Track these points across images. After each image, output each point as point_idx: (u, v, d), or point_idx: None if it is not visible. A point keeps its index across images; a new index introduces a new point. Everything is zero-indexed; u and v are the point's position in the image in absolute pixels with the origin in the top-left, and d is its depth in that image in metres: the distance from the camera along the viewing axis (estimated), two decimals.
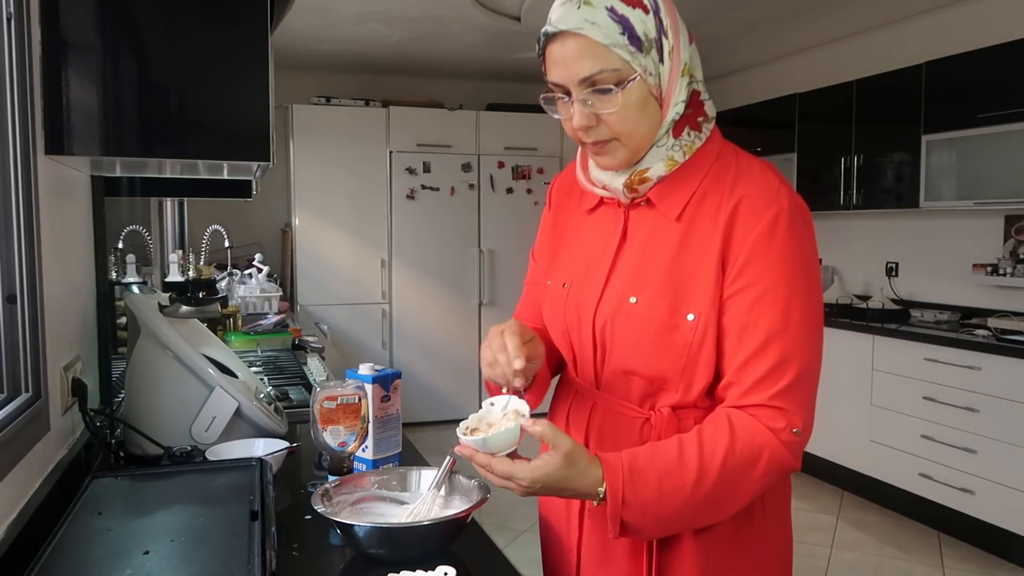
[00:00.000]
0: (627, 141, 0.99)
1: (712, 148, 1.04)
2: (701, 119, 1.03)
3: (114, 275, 2.38)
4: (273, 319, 3.21)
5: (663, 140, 1.01)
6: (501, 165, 5.47)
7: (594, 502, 0.93)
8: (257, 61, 1.27)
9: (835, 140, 4.18)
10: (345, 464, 1.24)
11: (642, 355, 1.01)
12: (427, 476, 1.14)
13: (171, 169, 1.60)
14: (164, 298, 1.88)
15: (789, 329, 0.95)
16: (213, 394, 1.40)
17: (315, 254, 5.15)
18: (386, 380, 1.33)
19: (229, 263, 3.83)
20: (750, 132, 4.69)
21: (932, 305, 4.01)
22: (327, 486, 1.09)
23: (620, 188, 1.03)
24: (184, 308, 1.77)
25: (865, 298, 4.17)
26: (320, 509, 1.01)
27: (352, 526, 0.98)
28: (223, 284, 3.67)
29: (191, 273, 3.00)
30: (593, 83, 0.95)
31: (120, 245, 2.57)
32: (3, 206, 1.08)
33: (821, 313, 1.00)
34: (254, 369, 2.30)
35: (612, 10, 0.93)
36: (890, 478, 3.67)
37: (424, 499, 1.09)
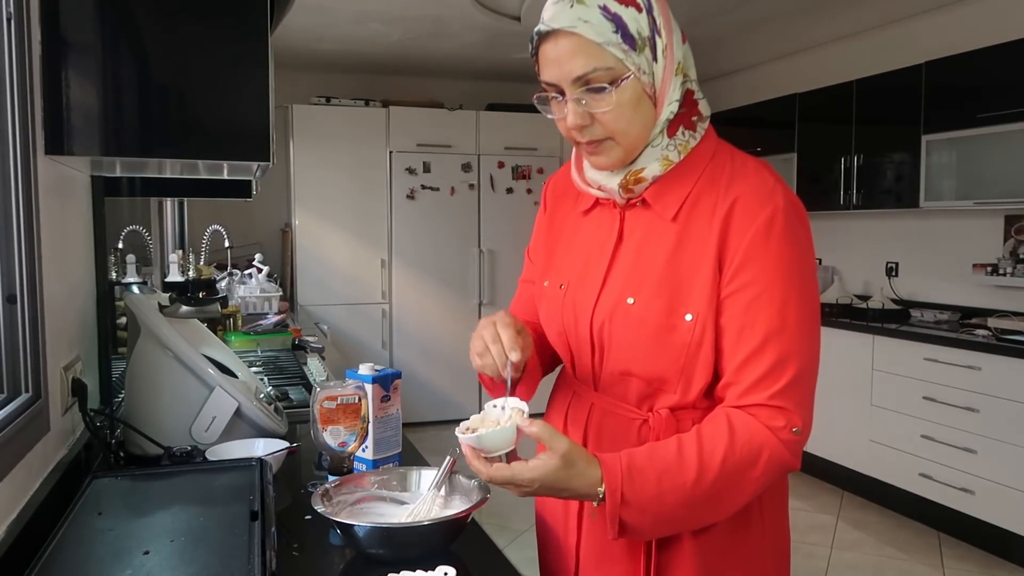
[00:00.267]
0: (621, 140, 0.98)
1: (707, 147, 1.03)
2: (695, 118, 1.02)
3: (114, 275, 2.38)
4: (273, 319, 3.21)
5: (658, 140, 1.00)
6: (501, 165, 5.47)
7: (593, 502, 0.93)
8: (257, 61, 1.27)
9: (835, 140, 4.18)
10: (345, 464, 1.24)
11: (640, 356, 1.00)
12: (427, 476, 1.14)
13: (171, 169, 1.60)
14: (164, 298, 1.88)
15: (787, 328, 0.95)
16: (213, 394, 1.40)
17: (315, 254, 5.15)
18: (386, 380, 1.33)
19: (229, 263, 3.83)
20: (750, 132, 4.69)
21: (932, 305, 4.01)
22: (327, 486, 1.09)
23: (615, 188, 1.03)
24: (184, 308, 1.77)
25: (865, 298, 4.17)
26: (320, 509, 1.01)
27: (352, 526, 0.98)
28: (223, 284, 3.67)
29: (191, 273, 3.00)
30: (587, 82, 0.95)
31: (120, 245, 2.57)
32: (3, 206, 1.08)
33: (818, 311, 1.00)
34: (254, 369, 2.30)
35: (605, 8, 0.93)
36: (890, 478, 3.68)
37: (424, 499, 1.09)
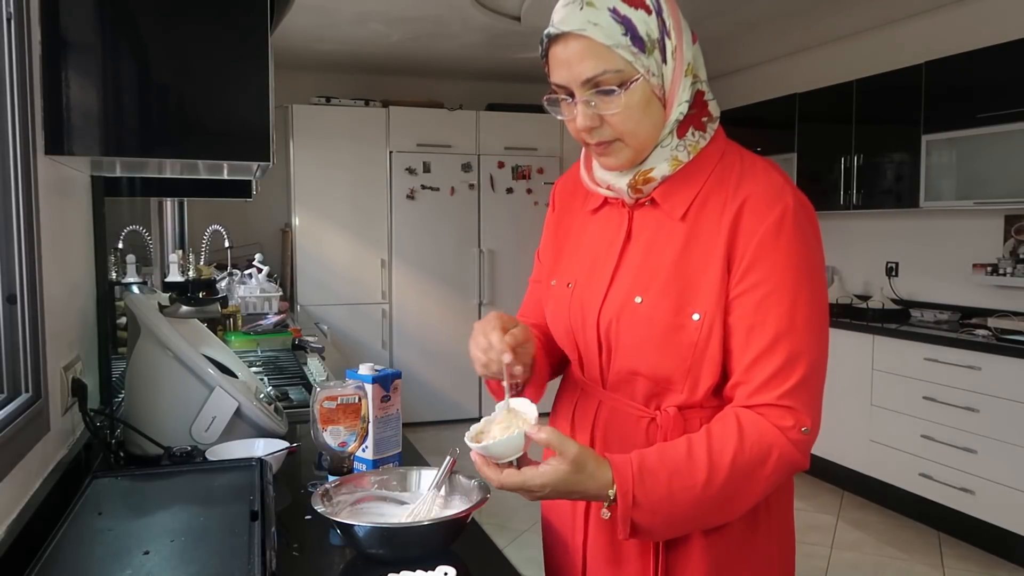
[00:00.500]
0: (630, 141, 0.99)
1: (716, 148, 1.04)
2: (705, 119, 1.03)
3: (114, 275, 2.38)
4: (273, 319, 3.21)
5: (667, 140, 1.01)
6: (501, 165, 5.47)
7: (604, 504, 0.92)
8: (257, 61, 1.27)
9: (835, 140, 4.18)
10: (345, 464, 1.24)
11: (647, 355, 1.00)
12: (427, 476, 1.14)
13: (171, 169, 1.60)
14: (164, 298, 1.88)
15: (796, 328, 0.95)
16: (213, 394, 1.40)
17: (315, 254, 5.15)
18: (386, 380, 1.33)
19: (229, 263, 3.83)
20: (750, 132, 4.69)
21: (932, 305, 4.01)
22: (327, 486, 1.09)
23: (624, 188, 1.03)
24: (184, 308, 1.77)
25: (865, 298, 4.17)
26: (320, 509, 1.01)
27: (352, 526, 0.98)
28: (223, 284, 3.67)
29: (191, 273, 3.00)
30: (596, 84, 0.95)
31: (120, 245, 2.57)
32: (3, 206, 1.08)
33: (827, 311, 1.01)
34: (254, 369, 2.30)
35: (615, 11, 0.93)
36: (890, 478, 3.68)
37: (424, 499, 1.09)
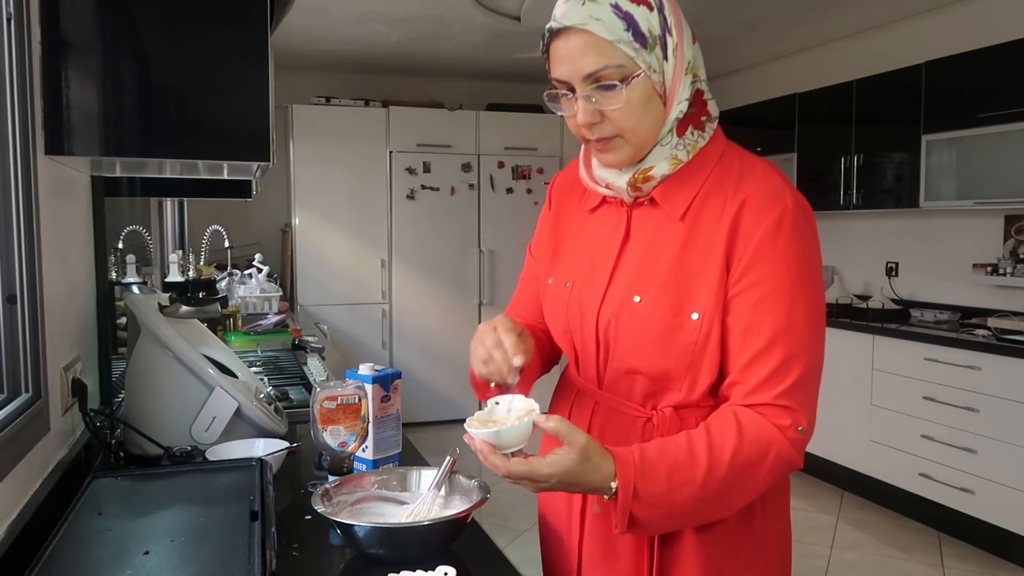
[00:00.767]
0: (631, 138, 0.99)
1: (716, 148, 1.04)
2: (704, 118, 1.03)
3: (114, 275, 2.38)
4: (273, 319, 3.21)
5: (667, 139, 1.01)
6: (501, 165, 5.47)
7: (605, 496, 0.92)
8: (257, 61, 1.27)
9: (835, 140, 4.18)
10: (345, 464, 1.24)
11: (646, 354, 1.01)
12: (427, 476, 1.14)
13: (171, 169, 1.60)
14: (164, 298, 1.88)
15: (793, 328, 0.96)
16: (213, 394, 1.40)
17: (315, 254, 5.15)
18: (386, 380, 1.33)
19: (229, 263, 3.83)
20: (750, 132, 4.69)
21: (932, 305, 4.01)
22: (327, 486, 1.09)
23: (623, 186, 1.03)
24: (184, 308, 1.77)
25: (865, 298, 4.17)
26: (320, 509, 1.01)
27: (352, 526, 0.98)
28: (223, 284, 3.67)
29: (191, 273, 3.00)
30: (597, 79, 0.95)
31: (120, 245, 2.57)
32: (3, 206, 1.08)
33: (824, 312, 1.01)
34: (254, 369, 2.30)
35: (616, 7, 0.93)
36: (890, 478, 3.68)
37: (424, 499, 1.09)
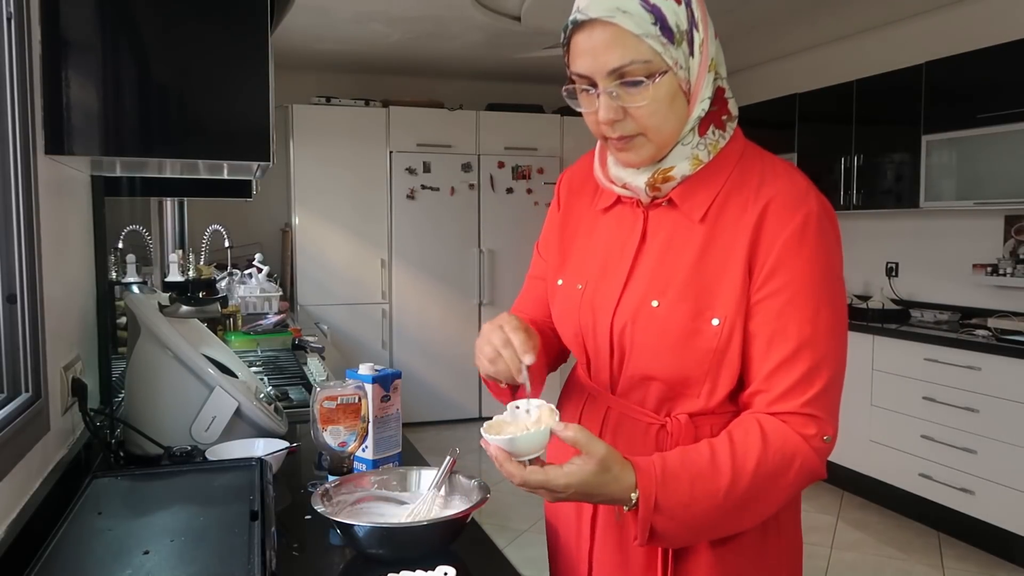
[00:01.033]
0: (653, 137, 0.95)
1: (735, 148, 1.01)
2: (725, 117, 1.00)
3: (114, 275, 2.38)
4: (273, 319, 3.21)
5: (688, 138, 0.97)
6: (501, 165, 5.47)
7: (624, 507, 0.90)
8: (257, 61, 1.27)
9: (835, 140, 4.18)
10: (345, 464, 1.24)
11: (663, 360, 0.97)
12: (427, 476, 1.14)
13: (171, 169, 1.60)
14: (164, 298, 1.88)
15: (818, 336, 0.93)
16: (213, 394, 1.40)
17: (315, 254, 5.15)
18: (386, 380, 1.32)
19: (229, 263, 3.83)
20: (750, 132, 4.59)
21: (932, 305, 4.01)
22: (327, 486, 1.09)
23: (642, 187, 1.00)
24: (184, 308, 1.77)
25: (865, 298, 4.17)
26: (320, 509, 1.01)
27: (352, 526, 0.98)
28: (223, 284, 3.67)
29: (191, 273, 3.00)
30: (622, 75, 0.90)
31: (120, 245, 2.57)
32: (3, 206, 1.08)
33: (846, 317, 0.98)
34: (254, 369, 2.30)
35: None
36: (890, 478, 3.68)
37: (424, 499, 1.09)
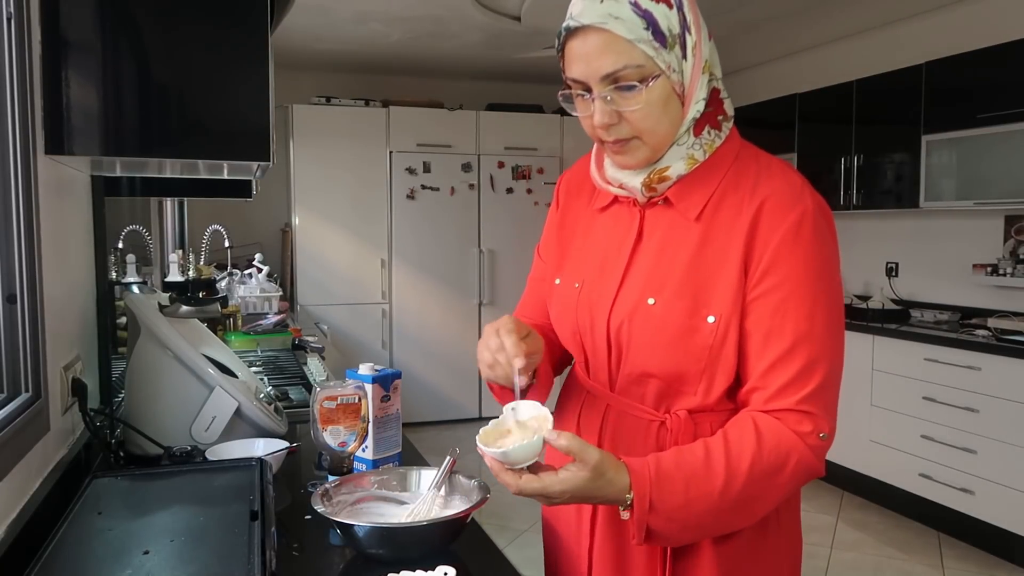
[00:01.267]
0: (648, 139, 0.97)
1: (731, 147, 1.02)
2: (721, 117, 1.01)
3: (114, 275, 2.38)
4: (273, 319, 3.21)
5: (683, 138, 0.99)
6: (501, 165, 5.47)
7: (620, 507, 0.91)
8: (257, 61, 1.27)
9: (835, 140, 4.18)
10: (345, 464, 1.24)
11: (659, 357, 0.98)
12: (427, 476, 1.14)
13: (171, 169, 1.60)
14: (164, 298, 1.89)
15: (815, 333, 0.94)
16: (213, 394, 1.40)
17: (315, 254, 5.15)
18: (386, 380, 1.32)
19: (229, 263, 3.83)
20: (750, 132, 4.61)
21: (932, 305, 4.01)
22: (327, 486, 1.09)
23: (638, 187, 1.01)
24: (184, 308, 1.77)
25: (865, 298, 4.17)
26: (320, 509, 1.01)
27: (352, 526, 0.98)
28: (223, 284, 3.67)
29: (191, 273, 3.00)
30: (616, 79, 0.92)
31: (120, 245, 2.57)
32: (3, 206, 1.08)
33: (843, 315, 0.99)
34: (254, 369, 2.30)
35: (636, 4, 0.91)
36: (890, 478, 3.68)
37: (424, 499, 1.09)
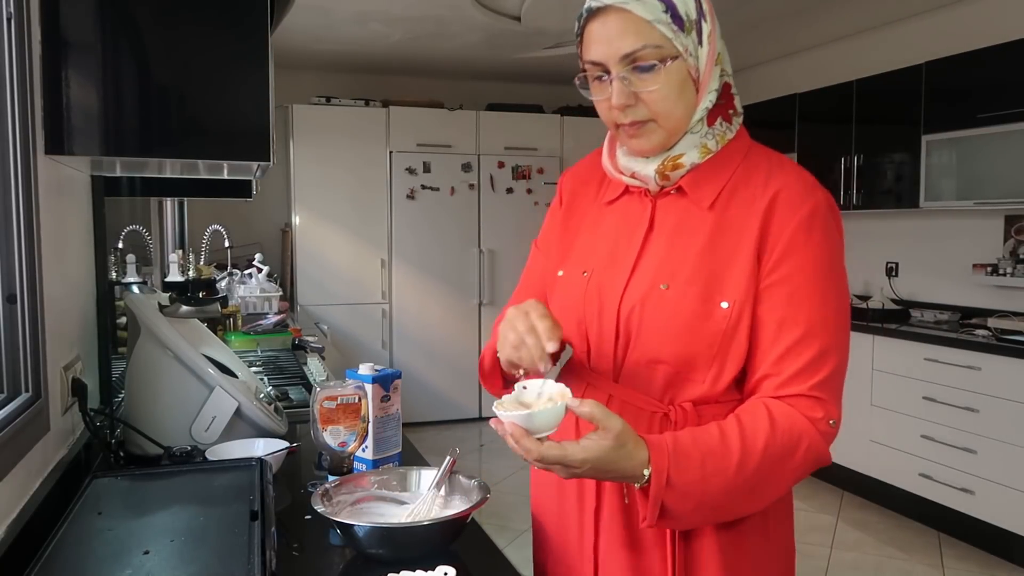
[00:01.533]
0: (664, 123, 0.98)
1: (742, 144, 1.05)
2: (731, 112, 1.04)
3: (114, 275, 2.38)
4: (273, 319, 3.21)
5: (697, 127, 1.01)
6: (501, 165, 5.47)
7: (636, 484, 0.91)
8: (257, 61, 1.27)
9: (835, 140, 4.18)
10: (345, 464, 1.24)
11: (671, 342, 0.98)
12: (427, 476, 1.14)
13: (171, 169, 1.60)
14: (164, 298, 1.89)
15: (827, 322, 0.96)
16: (213, 394, 1.40)
17: (315, 254, 5.15)
18: (386, 380, 1.32)
19: (229, 263, 3.83)
20: (750, 132, 4.67)
21: (932, 305, 4.01)
22: (327, 486, 1.09)
23: (651, 175, 1.02)
24: (184, 308, 1.77)
25: (865, 298, 4.17)
26: (320, 509, 1.01)
27: (352, 526, 0.98)
28: (223, 284, 3.67)
29: (191, 273, 3.00)
30: (634, 60, 0.94)
31: (120, 245, 2.57)
32: (3, 206, 1.08)
33: (850, 309, 1.01)
34: (254, 369, 2.30)
35: None
36: (890, 478, 3.68)
37: (424, 499, 1.09)
